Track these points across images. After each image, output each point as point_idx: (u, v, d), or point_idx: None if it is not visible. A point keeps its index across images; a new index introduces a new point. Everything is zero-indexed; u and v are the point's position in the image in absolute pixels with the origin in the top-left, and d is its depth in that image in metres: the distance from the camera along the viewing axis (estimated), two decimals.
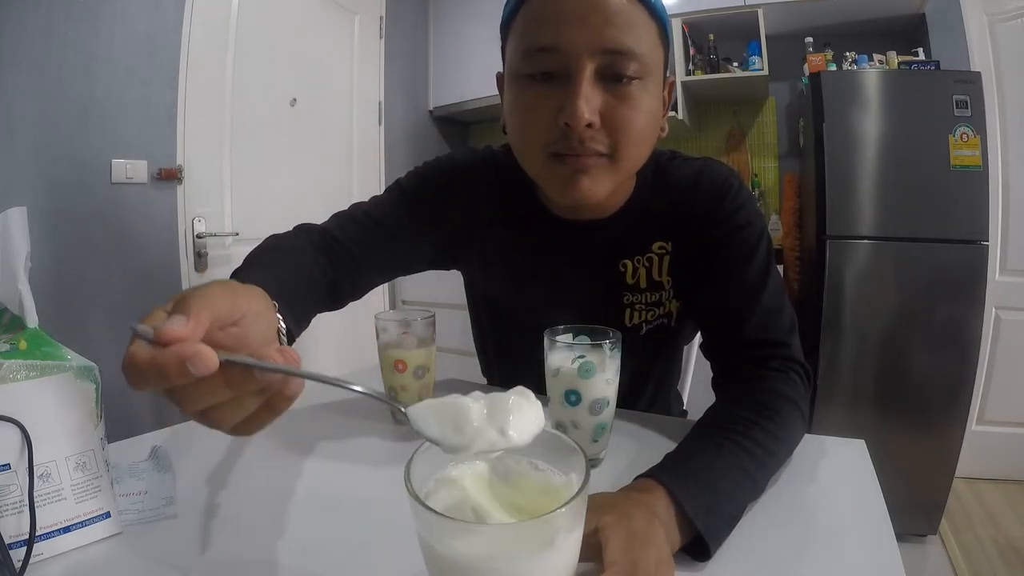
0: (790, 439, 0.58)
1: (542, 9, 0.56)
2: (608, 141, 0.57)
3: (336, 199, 2.30)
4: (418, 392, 0.73)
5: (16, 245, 0.50)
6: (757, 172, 2.48)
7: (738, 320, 0.64)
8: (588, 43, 0.54)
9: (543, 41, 0.55)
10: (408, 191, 0.76)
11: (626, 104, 0.56)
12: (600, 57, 0.55)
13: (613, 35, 0.54)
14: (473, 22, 2.72)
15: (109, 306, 1.58)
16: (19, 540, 0.42)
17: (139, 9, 1.60)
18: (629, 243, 0.70)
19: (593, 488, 0.56)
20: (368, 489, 0.59)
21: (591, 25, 0.54)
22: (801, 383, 0.62)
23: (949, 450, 1.71)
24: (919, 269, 1.69)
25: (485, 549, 0.29)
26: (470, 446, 0.32)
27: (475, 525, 0.31)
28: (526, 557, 0.29)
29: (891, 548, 0.45)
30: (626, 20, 0.54)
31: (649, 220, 0.70)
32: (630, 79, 0.56)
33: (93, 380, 0.49)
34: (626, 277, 0.71)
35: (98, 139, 1.53)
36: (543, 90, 0.57)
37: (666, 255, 0.70)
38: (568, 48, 0.54)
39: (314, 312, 0.68)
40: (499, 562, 0.29)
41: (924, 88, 1.68)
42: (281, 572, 0.44)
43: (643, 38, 0.56)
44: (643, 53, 0.56)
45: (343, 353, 2.33)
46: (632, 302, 0.71)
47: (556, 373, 0.59)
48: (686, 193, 0.69)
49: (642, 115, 0.57)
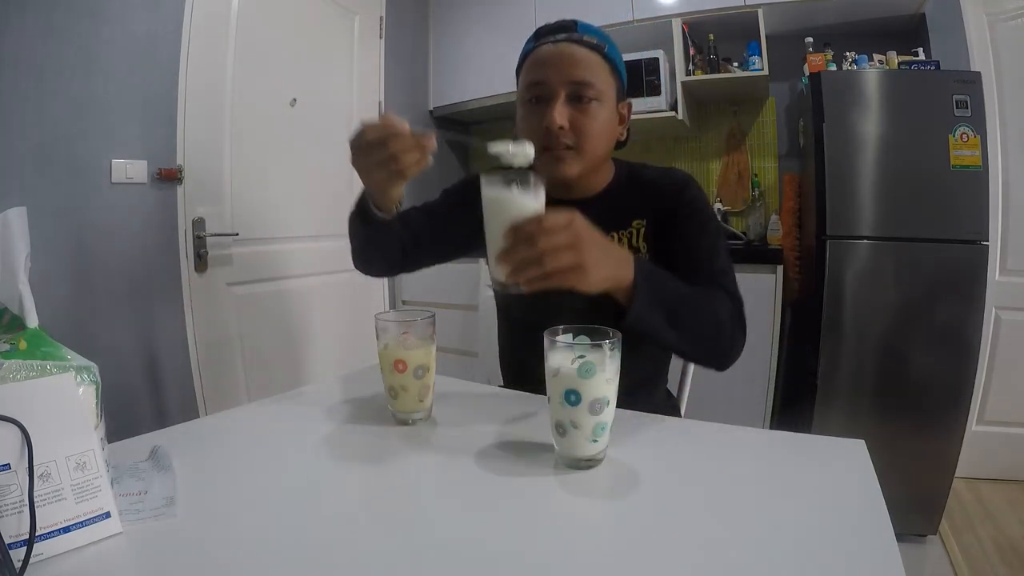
0: (716, 311, 0.81)
1: (536, 59, 0.88)
2: (574, 138, 0.85)
3: (336, 199, 2.32)
4: (418, 392, 0.73)
5: (16, 245, 0.50)
6: (757, 172, 2.48)
7: (690, 275, 0.84)
8: (560, 78, 0.85)
9: (535, 78, 0.87)
10: (449, 191, 1.06)
11: (585, 115, 0.85)
12: (568, 87, 0.85)
13: (576, 72, 0.85)
14: (473, 22, 2.73)
15: (109, 306, 1.58)
16: (19, 540, 0.42)
17: (139, 9, 1.60)
18: (615, 220, 0.93)
19: (593, 489, 0.57)
20: (368, 489, 0.59)
21: (563, 67, 0.85)
22: (736, 312, 0.84)
23: (949, 450, 1.71)
24: (919, 269, 1.69)
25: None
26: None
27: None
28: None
29: (891, 548, 0.45)
30: (585, 63, 0.85)
31: (627, 203, 0.95)
32: (589, 100, 0.85)
33: (93, 380, 0.49)
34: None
35: (98, 139, 1.53)
36: (536, 109, 0.87)
37: (642, 229, 0.94)
38: (549, 82, 0.86)
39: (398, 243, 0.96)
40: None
41: (924, 88, 1.68)
42: (281, 572, 0.44)
43: (598, 74, 0.86)
44: (597, 84, 0.85)
45: (343, 353, 2.33)
46: None
47: (556, 373, 0.59)
48: (654, 186, 0.95)
49: (596, 122, 0.86)
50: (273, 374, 2.06)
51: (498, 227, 0.63)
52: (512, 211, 0.64)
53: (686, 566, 0.44)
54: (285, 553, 0.46)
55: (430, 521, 0.51)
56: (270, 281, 2.07)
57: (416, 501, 0.56)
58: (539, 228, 0.60)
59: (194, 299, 1.79)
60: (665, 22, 2.24)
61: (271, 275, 2.07)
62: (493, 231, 0.66)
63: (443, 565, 0.44)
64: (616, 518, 0.53)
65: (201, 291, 1.81)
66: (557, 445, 0.62)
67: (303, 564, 0.44)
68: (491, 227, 0.67)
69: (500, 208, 0.66)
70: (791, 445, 0.69)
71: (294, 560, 0.45)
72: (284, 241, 2.12)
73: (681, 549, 0.47)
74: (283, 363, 2.12)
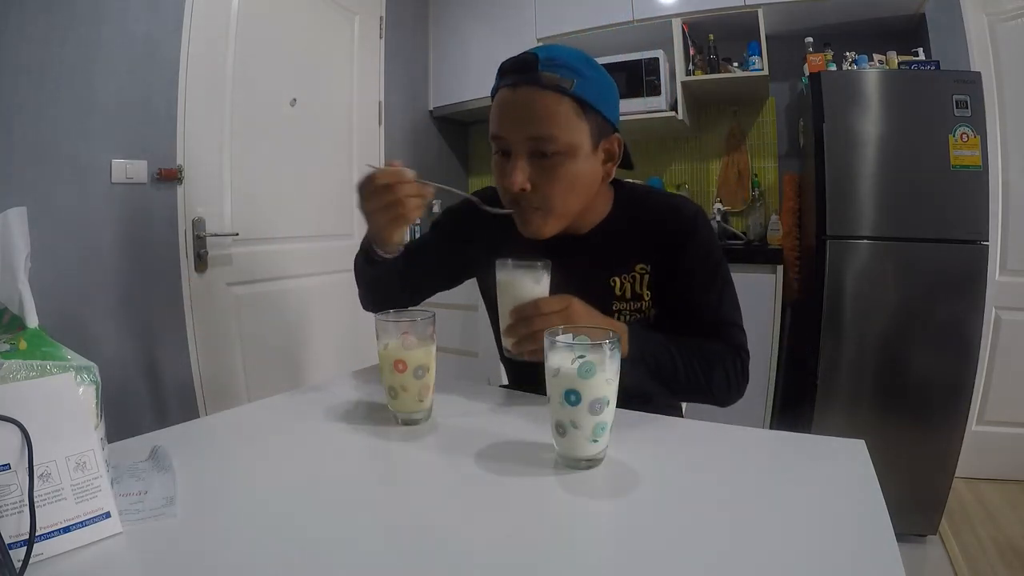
0: (711, 370, 0.81)
1: (496, 107, 0.81)
2: (537, 199, 0.79)
3: (336, 200, 2.33)
4: (418, 392, 0.73)
5: (16, 245, 0.50)
6: (757, 172, 2.48)
7: (702, 329, 0.86)
8: (518, 134, 0.78)
9: (495, 130, 0.81)
10: (439, 224, 1.05)
11: (548, 173, 0.78)
12: (527, 143, 0.77)
13: (535, 127, 0.76)
14: (473, 22, 2.73)
15: (109, 306, 1.58)
16: (19, 540, 0.42)
17: (139, 9, 1.60)
18: (616, 260, 0.89)
19: (593, 489, 0.57)
20: (368, 489, 0.59)
21: (520, 121, 0.77)
22: (740, 365, 0.86)
23: (949, 450, 1.71)
24: (919, 269, 1.69)
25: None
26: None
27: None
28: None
29: (891, 548, 0.45)
30: (546, 113, 0.76)
31: (629, 241, 0.89)
32: (551, 154, 0.77)
33: (93, 380, 0.49)
34: (615, 290, 0.89)
35: (98, 139, 1.53)
36: (502, 162, 0.82)
37: (646, 275, 0.88)
38: (508, 137, 0.79)
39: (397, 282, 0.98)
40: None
41: (924, 88, 1.68)
42: (281, 572, 0.44)
43: (560, 122, 0.76)
44: (561, 136, 0.76)
45: (343, 353, 2.33)
46: (620, 309, 0.90)
47: (556, 373, 0.59)
48: (659, 223, 0.88)
49: (562, 181, 0.78)
50: (273, 374, 2.05)
51: (505, 306, 0.74)
52: (517, 293, 0.74)
53: (686, 566, 0.44)
54: (285, 553, 0.46)
55: (430, 521, 0.51)
56: (270, 281, 2.07)
57: (416, 501, 0.56)
58: (535, 310, 0.69)
59: (194, 299, 1.79)
60: (665, 22, 2.24)
61: (271, 275, 2.07)
62: (503, 309, 0.75)
63: (443, 565, 0.44)
64: (616, 518, 0.53)
65: (201, 291, 1.81)
66: (557, 445, 0.62)
67: (303, 564, 0.44)
68: (501, 305, 0.77)
69: (506, 289, 0.76)
70: (791, 445, 0.69)
71: (294, 560, 0.45)
72: (284, 241, 2.12)
73: (681, 549, 0.47)
74: (283, 363, 2.12)
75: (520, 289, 0.74)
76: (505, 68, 0.80)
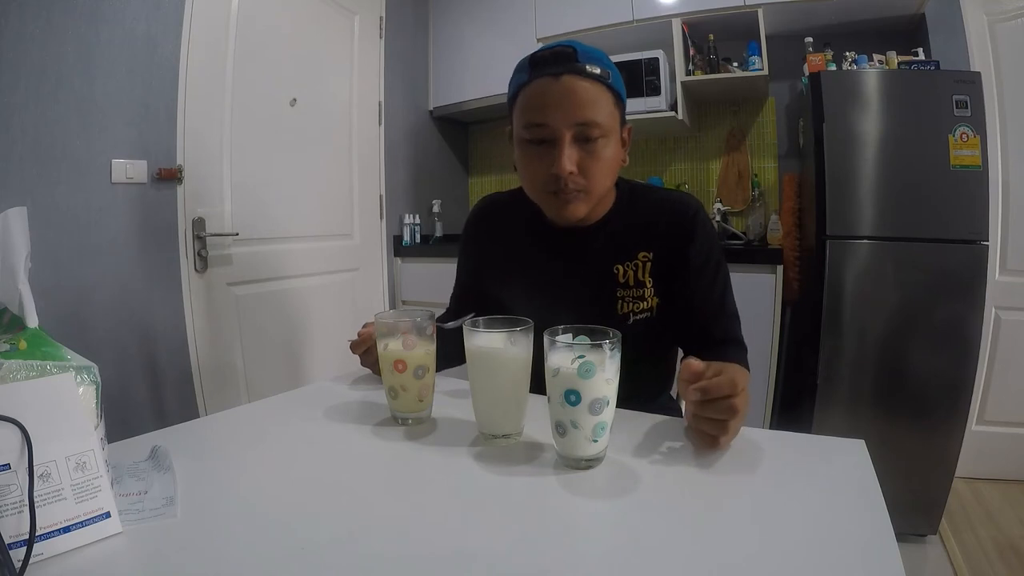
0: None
1: (535, 96, 0.82)
2: (583, 182, 0.83)
3: (336, 200, 2.33)
4: (418, 392, 0.73)
5: (16, 245, 0.50)
6: (757, 172, 2.48)
7: (706, 323, 0.92)
8: (566, 120, 0.80)
9: (536, 119, 0.82)
10: (462, 244, 1.09)
11: (593, 156, 0.82)
12: (574, 128, 0.80)
13: (582, 113, 0.80)
14: (473, 23, 2.73)
15: (109, 306, 1.57)
16: (19, 540, 0.42)
17: (139, 9, 1.60)
18: (620, 250, 0.93)
19: (593, 489, 0.57)
20: (369, 489, 0.59)
21: (567, 107, 0.80)
22: (745, 358, 0.91)
23: (949, 450, 1.71)
24: (919, 269, 1.69)
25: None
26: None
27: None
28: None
29: (891, 548, 0.45)
30: (590, 99, 0.80)
31: (632, 232, 0.93)
32: (595, 139, 0.81)
33: (93, 380, 0.49)
34: (618, 277, 0.93)
35: (98, 139, 1.53)
36: (539, 151, 0.83)
37: (648, 262, 0.92)
38: (553, 124, 0.81)
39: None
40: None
41: (924, 88, 1.68)
42: (281, 572, 0.44)
43: (602, 109, 0.81)
44: (603, 121, 0.81)
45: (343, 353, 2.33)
46: (623, 296, 0.93)
47: (556, 373, 0.59)
48: (662, 214, 0.93)
49: (604, 162, 0.84)
50: (273, 374, 2.06)
51: (483, 378, 0.68)
52: (497, 364, 0.66)
53: (686, 566, 0.44)
54: (285, 553, 0.46)
55: (430, 521, 0.51)
56: (270, 281, 2.07)
57: (416, 501, 0.56)
58: (732, 389, 0.62)
59: (194, 299, 1.79)
60: (665, 22, 2.24)
61: (271, 275, 2.07)
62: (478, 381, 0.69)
63: (443, 565, 0.44)
64: (616, 518, 0.53)
65: (201, 291, 1.81)
66: (557, 445, 0.62)
67: (303, 564, 0.44)
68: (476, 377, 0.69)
69: (484, 360, 0.67)
70: (791, 445, 0.69)
71: (294, 560, 0.45)
72: (284, 241, 2.12)
73: (681, 549, 0.46)
74: (283, 363, 2.12)
75: (503, 358, 0.66)
76: (540, 60, 0.82)
